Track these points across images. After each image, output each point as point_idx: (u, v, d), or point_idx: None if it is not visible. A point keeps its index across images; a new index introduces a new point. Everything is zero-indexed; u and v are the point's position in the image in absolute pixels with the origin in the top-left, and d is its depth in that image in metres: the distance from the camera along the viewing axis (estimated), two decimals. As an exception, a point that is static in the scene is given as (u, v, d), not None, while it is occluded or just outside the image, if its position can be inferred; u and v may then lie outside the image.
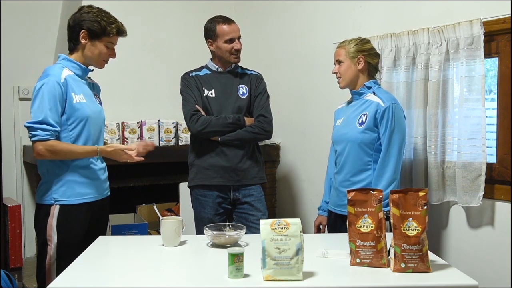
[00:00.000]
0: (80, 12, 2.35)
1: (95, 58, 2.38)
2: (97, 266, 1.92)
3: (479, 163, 2.55)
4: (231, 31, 2.87)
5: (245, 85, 2.97)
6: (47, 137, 2.21)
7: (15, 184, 4.19)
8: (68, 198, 2.29)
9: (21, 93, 4.18)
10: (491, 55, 2.63)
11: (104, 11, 2.38)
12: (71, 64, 2.35)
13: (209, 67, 2.98)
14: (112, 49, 2.41)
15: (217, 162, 2.86)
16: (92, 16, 2.32)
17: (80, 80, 2.38)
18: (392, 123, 2.41)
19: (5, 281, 2.59)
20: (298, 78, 3.83)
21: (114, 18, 2.39)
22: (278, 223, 1.73)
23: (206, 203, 2.89)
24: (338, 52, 2.60)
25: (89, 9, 2.36)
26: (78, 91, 2.32)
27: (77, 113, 2.29)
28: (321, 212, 2.74)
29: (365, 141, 2.46)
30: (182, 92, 2.95)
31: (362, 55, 2.53)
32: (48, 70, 2.31)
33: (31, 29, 4.20)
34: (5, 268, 3.29)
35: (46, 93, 2.22)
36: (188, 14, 4.28)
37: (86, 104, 2.33)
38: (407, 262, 1.78)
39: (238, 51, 2.89)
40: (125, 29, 2.42)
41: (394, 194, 1.84)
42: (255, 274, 1.75)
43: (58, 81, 2.25)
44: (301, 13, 3.83)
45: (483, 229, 2.65)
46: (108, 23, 2.34)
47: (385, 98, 2.46)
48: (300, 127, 3.82)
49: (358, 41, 2.58)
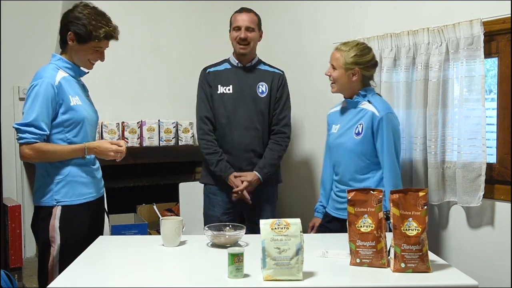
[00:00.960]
0: (71, 12, 2.28)
1: (81, 61, 2.33)
2: (97, 266, 1.92)
3: (479, 163, 2.55)
4: (239, 19, 2.87)
5: (265, 83, 2.93)
6: (34, 140, 2.18)
7: (15, 184, 4.19)
8: (70, 198, 2.28)
9: (21, 93, 4.17)
10: (491, 55, 2.63)
11: (97, 13, 2.28)
12: (66, 65, 2.32)
13: (230, 61, 2.95)
14: (101, 52, 2.33)
15: (230, 163, 2.86)
16: (82, 18, 2.24)
17: (74, 81, 2.36)
18: (384, 134, 2.42)
19: (5, 281, 2.59)
20: (298, 78, 3.82)
21: (106, 21, 2.29)
22: (278, 223, 1.73)
23: (215, 202, 2.89)
24: (334, 55, 2.54)
25: (81, 9, 2.27)
26: (74, 93, 2.30)
27: (74, 116, 2.26)
28: (316, 214, 2.77)
29: (363, 151, 2.47)
30: (197, 90, 2.96)
31: (358, 67, 2.48)
32: (42, 72, 2.26)
33: (31, 29, 4.20)
34: (5, 268, 3.29)
35: (38, 95, 2.19)
36: (188, 14, 4.28)
37: (81, 106, 2.31)
38: (407, 262, 1.78)
39: (243, 40, 2.85)
40: (116, 33, 2.31)
41: (394, 194, 1.84)
42: (255, 274, 1.75)
43: (53, 84, 2.21)
44: (301, 13, 3.83)
45: (483, 229, 2.65)
46: (96, 27, 2.24)
47: (380, 107, 2.45)
48: (300, 127, 3.82)
49: (358, 51, 2.49)
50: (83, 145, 2.27)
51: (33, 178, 4.18)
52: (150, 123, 3.86)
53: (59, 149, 2.24)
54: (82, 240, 2.23)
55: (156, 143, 3.88)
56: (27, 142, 2.18)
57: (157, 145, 3.87)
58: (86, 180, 2.33)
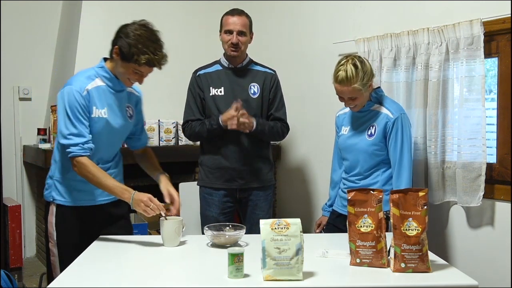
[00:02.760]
0: (126, 26, 2.21)
1: (121, 76, 2.27)
2: (97, 266, 1.92)
3: (479, 163, 2.56)
4: (230, 23, 2.82)
5: (257, 83, 2.91)
6: (80, 153, 2.16)
7: (15, 184, 4.19)
8: (63, 199, 2.28)
9: (21, 93, 4.18)
10: (491, 55, 2.63)
11: (148, 37, 2.17)
12: (105, 75, 2.27)
13: (221, 63, 2.93)
14: (141, 75, 2.24)
15: (225, 164, 2.86)
16: (131, 37, 2.15)
17: (110, 91, 2.30)
18: (402, 134, 2.44)
19: (5, 281, 2.60)
20: (298, 78, 3.83)
21: (154, 48, 2.16)
22: (278, 223, 1.73)
23: (212, 202, 2.89)
24: (344, 90, 2.43)
25: (135, 28, 2.18)
26: (101, 104, 2.26)
27: (92, 128, 2.23)
28: (324, 212, 2.80)
29: (375, 152, 2.49)
30: (187, 93, 2.95)
31: (369, 82, 2.44)
32: (74, 78, 2.25)
33: (31, 29, 4.20)
34: (5, 268, 3.29)
35: (69, 105, 2.17)
36: (188, 14, 4.28)
37: (103, 119, 2.26)
38: (407, 262, 1.78)
39: (235, 45, 2.81)
40: (160, 62, 2.20)
41: (394, 194, 1.84)
42: (255, 274, 1.75)
43: (80, 92, 2.19)
44: (301, 13, 3.83)
45: (483, 229, 2.65)
46: (140, 51, 2.14)
47: (393, 109, 2.47)
48: (300, 127, 3.82)
49: (360, 70, 2.40)
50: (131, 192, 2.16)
51: (33, 178, 4.22)
52: (150, 123, 3.86)
53: (102, 178, 2.17)
54: (76, 241, 2.22)
55: (156, 143, 3.88)
56: (73, 155, 2.16)
57: (157, 145, 3.87)
58: (85, 188, 2.27)
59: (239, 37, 2.81)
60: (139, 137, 2.54)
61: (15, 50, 4.11)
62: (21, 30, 4.18)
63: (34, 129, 4.00)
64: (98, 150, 2.27)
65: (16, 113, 4.18)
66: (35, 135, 3.95)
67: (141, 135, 2.56)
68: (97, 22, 3.86)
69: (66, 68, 4.00)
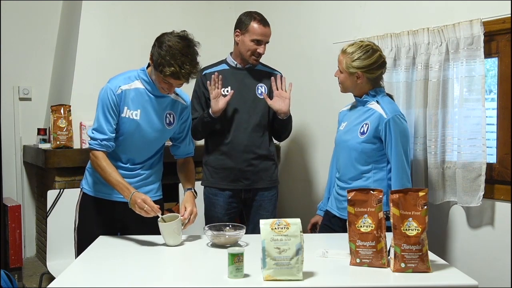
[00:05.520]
0: (165, 35, 2.24)
1: (155, 83, 2.31)
2: (97, 266, 1.92)
3: (479, 163, 2.55)
4: (262, 33, 2.81)
5: (264, 84, 2.92)
6: (97, 148, 2.28)
7: (15, 184, 4.19)
8: (89, 188, 2.42)
9: (21, 93, 4.18)
10: (491, 55, 2.63)
11: (179, 50, 2.16)
12: (145, 78, 2.33)
13: (228, 62, 2.93)
14: (170, 85, 2.25)
15: (230, 164, 2.86)
16: (163, 46, 2.18)
17: (149, 95, 2.33)
18: (396, 135, 2.39)
19: (5, 281, 2.60)
20: (298, 78, 3.82)
21: (182, 62, 2.15)
22: (278, 223, 1.74)
23: (217, 203, 2.89)
24: (339, 58, 2.49)
25: (169, 38, 2.20)
26: (135, 106, 2.31)
27: (120, 127, 2.32)
28: (319, 211, 2.78)
29: (365, 150, 2.45)
30: (192, 93, 2.95)
31: (361, 71, 2.44)
32: (115, 77, 2.35)
33: (31, 29, 4.20)
34: (5, 268, 3.29)
35: (99, 101, 2.30)
36: (188, 14, 4.28)
37: (134, 120, 2.31)
38: (407, 262, 1.79)
39: (260, 56, 2.85)
40: (186, 76, 2.20)
41: (394, 194, 1.84)
42: (255, 274, 1.75)
43: (114, 91, 2.28)
44: (301, 13, 3.83)
45: (483, 229, 2.65)
46: (167, 63, 2.15)
47: (387, 109, 2.41)
48: (300, 127, 3.82)
49: (361, 54, 2.43)
50: (131, 191, 2.20)
51: (33, 178, 4.22)
52: (150, 123, 3.86)
53: (107, 174, 2.26)
54: (94, 230, 2.33)
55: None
56: (91, 148, 2.31)
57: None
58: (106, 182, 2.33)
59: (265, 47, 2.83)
60: (178, 145, 2.55)
61: (15, 50, 4.11)
62: (21, 30, 4.18)
63: (34, 129, 4.00)
64: (128, 151, 2.36)
65: (16, 113, 4.18)
66: (35, 135, 3.95)
67: (181, 143, 2.55)
68: (97, 22, 3.86)
69: (66, 68, 4.00)
